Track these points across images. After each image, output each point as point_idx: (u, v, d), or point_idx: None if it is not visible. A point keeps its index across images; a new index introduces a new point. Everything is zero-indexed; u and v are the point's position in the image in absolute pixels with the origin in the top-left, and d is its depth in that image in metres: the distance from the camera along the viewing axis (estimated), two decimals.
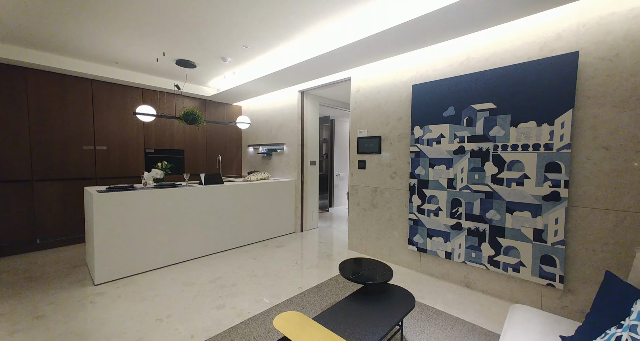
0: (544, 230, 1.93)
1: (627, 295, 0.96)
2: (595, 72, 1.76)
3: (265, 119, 4.63)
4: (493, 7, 1.84)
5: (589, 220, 1.80)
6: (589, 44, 1.77)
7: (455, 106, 2.32)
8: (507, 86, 2.05)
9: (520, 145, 2.00)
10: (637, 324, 0.81)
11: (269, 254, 3.20)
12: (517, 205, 2.03)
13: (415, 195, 2.62)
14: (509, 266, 2.08)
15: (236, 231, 3.42)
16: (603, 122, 1.74)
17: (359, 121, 3.19)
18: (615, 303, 0.98)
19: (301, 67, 3.10)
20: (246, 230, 3.53)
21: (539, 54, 1.95)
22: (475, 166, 2.22)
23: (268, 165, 4.63)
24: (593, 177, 1.78)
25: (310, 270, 2.76)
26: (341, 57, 2.81)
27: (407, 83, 2.72)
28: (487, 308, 2.05)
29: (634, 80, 1.65)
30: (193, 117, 3.42)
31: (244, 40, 2.76)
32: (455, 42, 2.36)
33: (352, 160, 3.28)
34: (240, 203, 3.45)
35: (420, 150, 2.57)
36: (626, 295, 0.96)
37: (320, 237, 3.96)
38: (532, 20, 1.98)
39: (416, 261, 2.71)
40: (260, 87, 4.01)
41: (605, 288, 1.07)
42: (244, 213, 3.51)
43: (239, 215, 3.45)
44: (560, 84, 1.83)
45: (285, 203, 4.02)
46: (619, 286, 1.02)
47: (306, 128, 4.16)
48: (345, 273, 1.69)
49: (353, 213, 3.30)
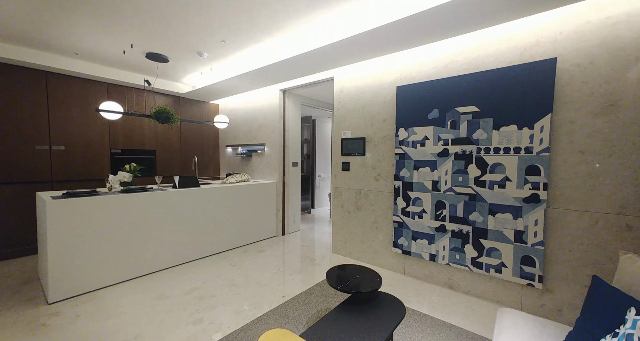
0: (524, 232, 1.97)
1: (618, 302, 0.96)
2: (572, 78, 1.82)
3: (245, 118, 4.44)
4: (476, 11, 1.85)
5: (566, 221, 1.87)
6: (566, 51, 1.83)
7: (440, 108, 2.32)
8: (490, 90, 2.07)
9: (502, 148, 2.04)
10: (633, 333, 0.81)
11: (249, 260, 3.05)
12: (499, 207, 2.07)
13: (400, 198, 2.61)
14: (491, 267, 2.12)
15: (214, 237, 3.23)
16: (579, 126, 1.81)
17: (342, 122, 3.13)
18: (606, 310, 0.99)
19: (283, 65, 2.98)
20: (225, 235, 3.35)
21: (520, 59, 2.00)
22: (459, 168, 2.24)
23: (248, 166, 4.45)
24: (569, 179, 1.85)
25: (294, 276, 2.65)
26: (325, 56, 2.73)
27: (391, 84, 2.69)
28: (471, 309, 2.07)
29: (607, 87, 1.72)
30: (166, 116, 3.17)
31: (222, 35, 2.59)
32: (439, 45, 2.36)
33: (336, 162, 3.22)
34: (218, 207, 3.26)
35: (404, 152, 2.55)
36: (616, 301, 0.97)
37: (302, 240, 3.86)
38: (513, 26, 2.01)
39: (400, 264, 2.70)
40: (239, 84, 3.83)
41: (594, 293, 1.08)
42: (223, 217, 3.32)
43: (218, 220, 3.26)
44: (539, 88, 1.88)
45: (266, 206, 3.87)
46: (608, 292, 1.03)
47: (288, 129, 4.04)
48: (333, 282, 1.61)
49: (337, 216, 3.24)
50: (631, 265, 1.10)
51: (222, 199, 3.30)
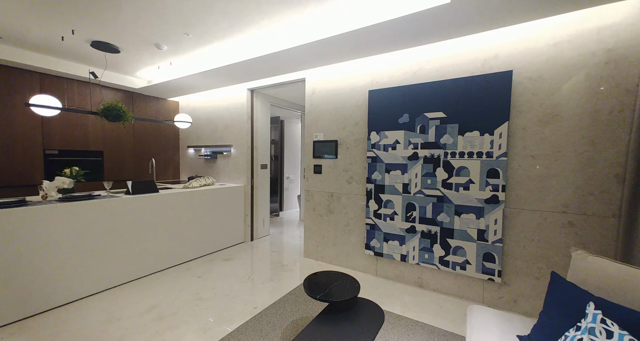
0: (485, 230, 2.12)
1: (576, 296, 1.06)
2: (525, 90, 2.00)
3: (209, 118, 4.17)
4: (440, 23, 1.93)
5: (520, 220, 2.05)
6: (520, 65, 2.01)
7: (410, 113, 2.40)
8: (455, 97, 2.20)
9: (466, 152, 2.17)
10: (595, 326, 0.89)
11: (216, 270, 2.85)
12: (464, 208, 2.20)
13: (372, 200, 2.64)
14: (457, 265, 2.25)
15: (176, 246, 2.96)
16: (531, 134, 2.00)
17: (314, 124, 3.09)
18: (566, 304, 1.08)
19: (253, 63, 2.84)
20: (188, 244, 3.09)
21: (481, 70, 2.14)
22: (428, 172, 2.34)
23: (212, 169, 4.18)
24: (523, 181, 2.03)
25: (265, 284, 2.54)
26: (296, 57, 2.66)
27: (363, 88, 2.72)
28: (440, 306, 2.17)
29: (553, 99, 1.92)
30: (117, 113, 2.82)
31: (185, 27, 2.38)
32: (409, 52, 2.45)
33: (308, 165, 3.17)
34: (180, 214, 3.00)
35: (376, 155, 2.60)
36: (575, 296, 1.07)
37: (272, 245, 3.73)
38: (475, 39, 2.16)
39: (373, 266, 2.74)
40: (203, 82, 3.58)
41: (554, 288, 1.17)
42: (186, 224, 3.06)
43: (179, 228, 2.99)
44: (498, 97, 2.04)
45: (233, 211, 3.67)
46: (566, 288, 1.13)
47: (256, 129, 3.88)
48: (311, 291, 1.56)
49: (309, 220, 3.18)
50: (582, 261, 1.22)
51: (184, 205, 3.04)
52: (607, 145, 1.78)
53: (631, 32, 1.71)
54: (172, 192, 2.95)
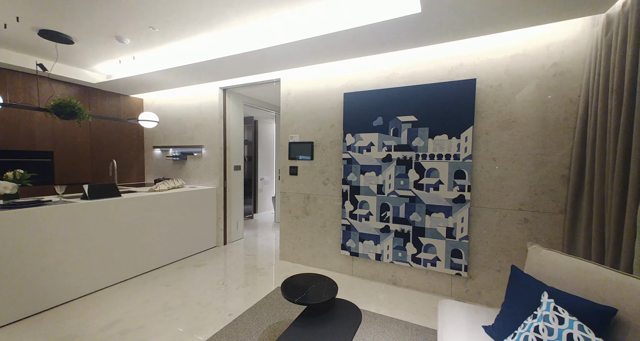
0: (453, 228, 2.26)
1: (533, 287, 1.17)
2: (486, 97, 2.17)
3: (178, 117, 3.95)
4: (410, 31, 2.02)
5: (483, 218, 2.21)
6: (483, 74, 2.17)
7: (384, 117, 2.48)
8: (426, 102, 2.31)
9: (436, 154, 2.29)
10: (548, 314, 0.98)
11: (186, 277, 2.71)
12: (434, 208, 2.32)
13: (348, 201, 2.69)
14: (428, 262, 2.36)
15: (141, 254, 2.76)
16: (491, 138, 2.16)
17: (290, 125, 3.06)
18: (524, 294, 1.19)
19: (225, 62, 2.75)
20: (155, 251, 2.90)
21: (448, 77, 2.28)
22: (401, 173, 2.43)
23: (182, 170, 3.97)
24: (485, 182, 2.19)
25: (240, 290, 2.46)
26: (272, 57, 2.62)
27: (339, 90, 2.76)
28: (412, 302, 2.26)
29: (510, 106, 2.10)
30: (71, 110, 2.57)
31: (151, 21, 2.23)
32: (383, 57, 2.52)
33: (283, 166, 3.13)
34: (146, 219, 2.80)
35: (352, 157, 2.64)
36: (531, 287, 1.18)
37: (247, 248, 3.64)
38: (443, 48, 2.28)
39: (348, 266, 2.79)
40: (171, 79, 3.38)
41: (513, 281, 1.28)
42: (152, 230, 2.87)
43: (145, 234, 2.80)
44: (463, 103, 2.18)
45: (205, 215, 3.52)
46: (524, 279, 1.24)
47: (229, 130, 3.76)
48: (289, 295, 1.54)
49: (285, 222, 3.15)
50: (536, 254, 1.35)
51: (150, 210, 2.85)
52: (554, 149, 1.99)
53: (574, 48, 1.93)
54: (137, 196, 2.76)
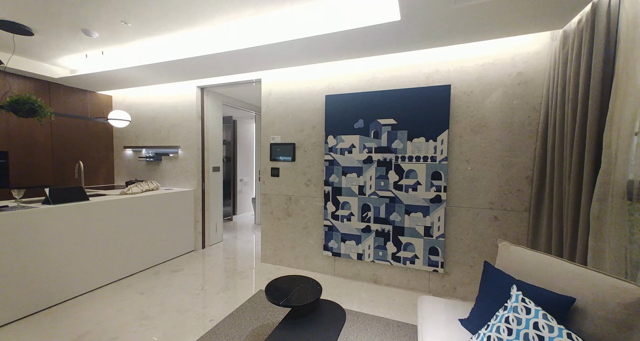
0: (431, 227, 2.37)
1: (503, 281, 1.26)
2: (460, 102, 2.29)
3: (152, 116, 3.77)
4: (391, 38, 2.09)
5: (458, 216, 2.34)
6: (457, 80, 2.29)
7: (365, 119, 2.54)
8: (404, 106, 2.40)
9: (414, 156, 2.39)
10: (517, 305, 1.07)
11: (163, 283, 2.59)
12: (412, 208, 2.41)
13: (330, 202, 2.72)
14: (407, 260, 2.45)
15: (113, 260, 2.60)
16: (464, 141, 2.29)
17: (271, 126, 3.04)
18: (495, 288, 1.28)
19: (205, 61, 2.67)
20: (128, 256, 2.75)
21: (425, 83, 2.39)
22: (381, 174, 2.50)
23: (156, 172, 3.79)
24: (459, 182, 2.32)
25: (221, 294, 2.41)
26: (253, 58, 2.59)
27: (320, 92, 2.78)
28: (393, 300, 2.34)
29: (481, 111, 2.24)
30: (30, 108, 2.36)
31: (123, 15, 2.12)
32: (364, 61, 2.58)
33: (265, 168, 3.10)
34: (118, 224, 2.65)
35: (334, 158, 2.68)
36: (502, 280, 1.27)
37: (226, 251, 3.55)
38: (421, 55, 2.38)
39: (331, 266, 2.82)
40: (145, 76, 3.22)
41: (486, 275, 1.38)
42: (125, 236, 2.71)
43: (117, 240, 2.64)
44: (440, 108, 2.29)
45: (182, 218, 3.39)
46: (495, 274, 1.33)
47: (208, 130, 3.65)
48: (273, 298, 1.53)
49: (266, 223, 3.12)
50: (505, 250, 1.46)
51: (123, 214, 2.70)
52: (520, 152, 2.15)
53: (536, 60, 2.10)
54: (107, 200, 2.59)
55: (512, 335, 1.01)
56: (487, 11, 1.71)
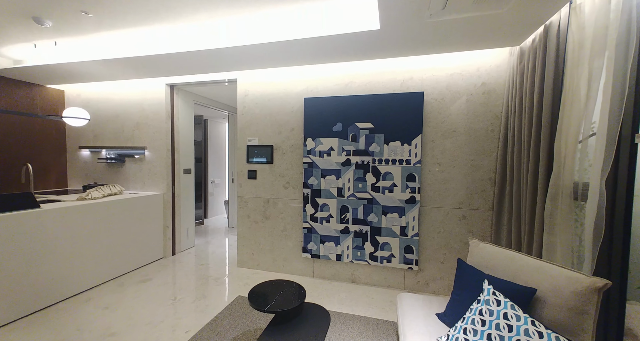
0: (406, 227, 2.48)
1: (476, 276, 1.37)
2: (432, 109, 2.44)
3: (113, 114, 3.48)
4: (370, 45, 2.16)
5: (430, 216, 2.49)
6: (429, 88, 2.44)
7: (343, 123, 2.59)
8: (381, 110, 2.49)
9: (390, 159, 2.49)
10: (489, 298, 1.18)
11: (129, 296, 2.41)
12: (389, 208, 2.51)
13: (309, 204, 2.73)
14: (384, 259, 2.55)
15: (70, 272, 2.36)
16: (436, 145, 2.45)
17: (248, 127, 2.97)
18: (469, 283, 1.39)
19: (177, 58, 2.52)
20: (88, 268, 2.51)
21: (400, 89, 2.50)
22: (359, 176, 2.57)
23: (119, 174, 3.51)
24: (432, 184, 2.47)
25: (197, 303, 2.30)
26: (230, 57, 2.50)
27: (299, 95, 2.78)
28: (371, 298, 2.42)
29: (451, 118, 2.41)
30: None
31: (84, 3, 1.94)
32: (342, 66, 2.63)
33: (241, 170, 3.02)
34: (75, 233, 2.41)
35: (312, 161, 2.70)
36: (474, 275, 1.38)
37: (199, 257, 3.40)
38: (397, 62, 2.49)
39: (310, 268, 2.83)
40: (107, 71, 2.96)
41: (460, 271, 1.49)
42: (84, 245, 2.48)
43: (75, 250, 2.40)
44: (414, 114, 2.42)
45: (150, 223, 3.17)
46: (468, 270, 1.45)
47: (178, 130, 3.46)
48: (257, 304, 1.51)
49: (243, 227, 3.04)
50: (475, 247, 1.59)
51: (81, 221, 2.46)
52: (484, 156, 2.35)
53: (497, 72, 2.31)
54: (62, 206, 2.35)
55: (485, 325, 1.11)
56: (455, 26, 1.84)
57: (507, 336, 1.03)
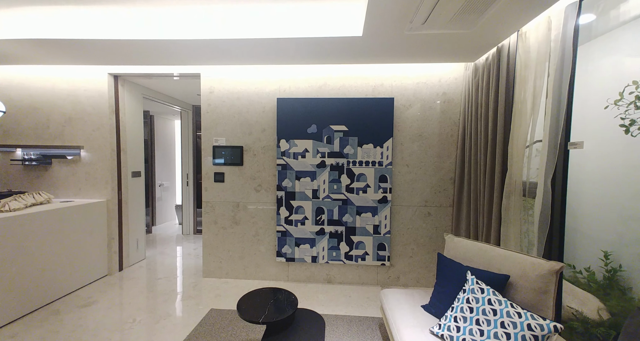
0: (379, 225, 2.61)
1: (457, 268, 1.52)
2: (401, 114, 2.62)
3: (32, 105, 2.86)
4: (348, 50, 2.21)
5: (400, 214, 2.67)
6: (398, 94, 2.60)
7: (317, 125, 2.60)
8: (355, 114, 2.57)
9: (364, 161, 2.59)
10: (474, 287, 1.32)
11: (70, 324, 2.01)
12: (363, 208, 2.61)
13: (283, 207, 2.66)
14: (359, 257, 2.64)
15: None
16: (405, 148, 2.63)
17: (214, 127, 2.75)
18: (450, 275, 1.54)
19: (128, 45, 2.19)
20: (10, 297, 2.01)
21: (372, 94, 2.62)
22: (334, 178, 2.61)
23: (42, 179, 2.89)
24: (401, 184, 2.65)
25: (163, 323, 2.05)
26: (191, 50, 2.25)
27: (270, 94, 2.69)
28: (348, 296, 2.48)
29: (418, 123, 2.62)
30: None
31: None
32: (315, 67, 2.63)
33: (207, 173, 2.78)
34: None
35: (286, 163, 2.64)
36: (454, 267, 1.53)
37: (154, 271, 3.03)
38: (368, 68, 2.60)
39: (284, 272, 2.77)
40: (25, 53, 2.41)
41: (441, 265, 1.64)
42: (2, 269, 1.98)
43: None
44: (385, 118, 2.56)
45: (90, 236, 2.70)
46: (448, 263, 1.60)
47: (124, 127, 3.02)
48: (249, 316, 1.41)
49: (209, 234, 2.81)
50: (451, 241, 1.77)
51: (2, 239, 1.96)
52: (445, 158, 2.61)
53: (455, 82, 2.59)
54: None
55: (473, 312, 1.25)
56: (427, 41, 2.01)
57: (493, 319, 1.18)
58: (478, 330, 1.19)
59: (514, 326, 1.11)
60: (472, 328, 1.21)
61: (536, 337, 1.06)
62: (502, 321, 1.15)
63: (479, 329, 1.19)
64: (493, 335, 1.14)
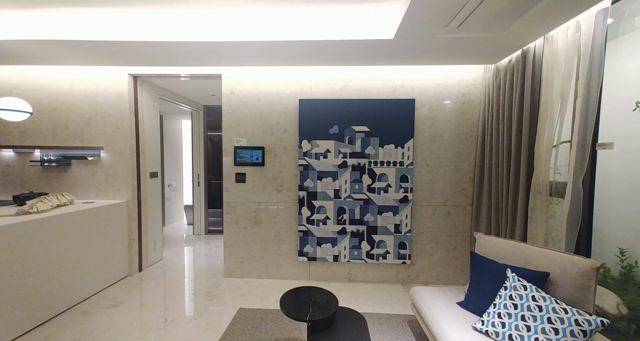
0: (400, 224, 2.66)
1: (491, 265, 1.57)
2: (421, 115, 2.66)
3: (50, 106, 2.84)
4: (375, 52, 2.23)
5: (420, 213, 2.71)
6: (419, 96, 2.64)
7: (339, 125, 2.63)
8: (376, 114, 2.60)
9: (385, 161, 2.62)
10: (516, 284, 1.37)
11: (102, 325, 2.03)
12: (384, 208, 2.65)
13: (305, 207, 2.69)
14: (380, 256, 2.68)
15: (12, 308, 1.87)
16: (425, 148, 2.67)
17: (235, 128, 2.77)
18: (486, 272, 1.58)
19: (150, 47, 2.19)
20: (35, 299, 2.02)
21: (393, 95, 2.65)
22: (356, 178, 2.65)
23: (62, 180, 2.89)
24: (422, 184, 2.69)
25: (195, 322, 2.07)
26: (211, 52, 2.25)
27: (291, 95, 2.71)
28: (372, 294, 2.52)
29: (438, 123, 2.66)
30: None
31: None
32: (337, 69, 2.65)
33: (228, 173, 2.80)
34: (17, 259, 1.91)
35: (308, 163, 2.66)
36: (489, 265, 1.58)
37: (174, 271, 3.04)
38: (389, 69, 2.63)
39: (305, 271, 2.80)
40: (43, 52, 2.40)
41: (475, 263, 1.68)
42: (33, 271, 1.99)
43: (19, 280, 1.91)
44: (406, 119, 2.59)
45: (112, 237, 2.71)
46: (482, 261, 1.64)
47: (143, 128, 3.02)
48: (295, 314, 1.44)
49: (230, 234, 2.83)
50: (481, 239, 1.81)
51: (25, 243, 1.96)
52: (465, 158, 2.66)
53: (474, 84, 2.63)
54: None
55: (517, 308, 1.29)
56: (456, 43, 2.04)
57: (539, 315, 1.22)
58: (524, 326, 1.23)
59: (562, 321, 1.16)
60: (518, 323, 1.25)
61: (585, 332, 1.11)
62: (549, 317, 1.19)
63: (525, 325, 1.23)
64: (540, 330, 1.18)
